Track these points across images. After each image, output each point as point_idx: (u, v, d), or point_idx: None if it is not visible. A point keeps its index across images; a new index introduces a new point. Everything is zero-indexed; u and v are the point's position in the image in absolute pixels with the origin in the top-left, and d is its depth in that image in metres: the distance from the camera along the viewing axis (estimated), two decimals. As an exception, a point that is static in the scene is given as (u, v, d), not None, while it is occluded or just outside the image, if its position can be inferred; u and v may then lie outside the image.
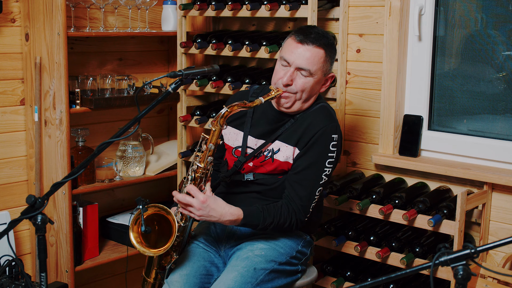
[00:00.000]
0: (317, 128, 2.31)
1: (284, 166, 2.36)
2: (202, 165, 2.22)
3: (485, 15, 2.74)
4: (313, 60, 2.28)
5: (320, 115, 2.36)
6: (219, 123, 2.21)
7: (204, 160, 2.22)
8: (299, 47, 2.28)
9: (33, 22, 2.92)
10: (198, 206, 2.17)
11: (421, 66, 2.86)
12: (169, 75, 2.14)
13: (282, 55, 2.32)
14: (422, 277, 2.80)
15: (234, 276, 2.22)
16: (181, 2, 3.18)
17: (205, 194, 2.19)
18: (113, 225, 3.30)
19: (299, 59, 2.27)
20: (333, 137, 2.32)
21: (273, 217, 2.26)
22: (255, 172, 2.39)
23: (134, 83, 3.24)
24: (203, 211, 2.18)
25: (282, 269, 2.34)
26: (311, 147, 2.31)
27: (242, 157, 2.40)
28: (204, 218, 2.20)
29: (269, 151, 2.37)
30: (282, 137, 2.37)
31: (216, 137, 2.22)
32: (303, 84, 2.29)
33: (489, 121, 2.76)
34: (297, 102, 2.33)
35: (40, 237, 1.93)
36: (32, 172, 3.04)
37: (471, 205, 2.55)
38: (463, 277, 1.46)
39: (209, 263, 2.36)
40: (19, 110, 3.04)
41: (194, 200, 2.18)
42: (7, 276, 2.39)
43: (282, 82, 2.29)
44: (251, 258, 2.28)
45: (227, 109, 2.21)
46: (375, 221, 2.85)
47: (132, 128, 2.12)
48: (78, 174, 2.03)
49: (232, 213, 2.21)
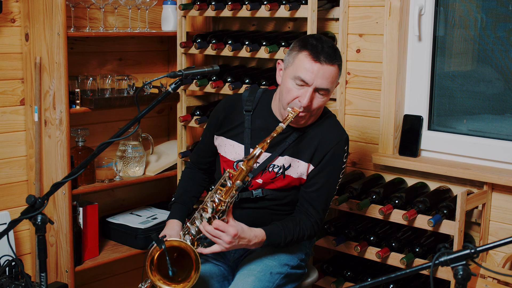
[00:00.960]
0: (331, 145, 2.27)
1: (296, 182, 2.31)
2: (226, 199, 2.12)
3: (485, 15, 2.75)
4: (332, 79, 2.18)
5: (332, 129, 2.30)
6: (251, 164, 2.10)
7: (228, 194, 2.13)
8: (317, 66, 2.14)
9: (33, 22, 2.92)
10: (229, 240, 2.10)
11: (421, 66, 2.86)
12: (169, 75, 2.14)
13: (298, 75, 2.15)
14: (422, 277, 2.80)
15: (252, 280, 2.19)
16: (181, 2, 3.18)
17: (233, 226, 2.12)
18: (113, 225, 3.30)
19: (318, 80, 2.15)
20: (345, 149, 2.31)
21: (293, 234, 2.24)
22: (264, 188, 2.33)
23: (134, 83, 3.24)
24: (234, 243, 2.12)
25: (294, 273, 2.34)
26: (327, 164, 2.27)
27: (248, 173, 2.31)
28: (233, 247, 2.14)
29: (280, 167, 2.30)
30: (290, 152, 2.29)
31: (243, 176, 2.12)
32: (320, 103, 2.21)
33: (489, 121, 2.76)
34: (311, 119, 2.27)
35: (40, 237, 1.93)
36: (32, 172, 3.04)
37: (471, 205, 2.55)
38: (463, 277, 1.46)
39: (222, 278, 2.34)
40: (19, 110, 3.04)
41: (224, 235, 2.10)
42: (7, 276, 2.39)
43: (303, 104, 2.16)
44: (265, 262, 2.26)
45: (260, 149, 2.08)
46: (375, 221, 2.85)
47: (132, 128, 2.12)
48: (78, 174, 2.02)
49: (257, 235, 2.17)
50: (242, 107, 2.38)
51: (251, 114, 2.36)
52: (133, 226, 3.23)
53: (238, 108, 2.39)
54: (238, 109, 2.39)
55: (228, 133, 2.39)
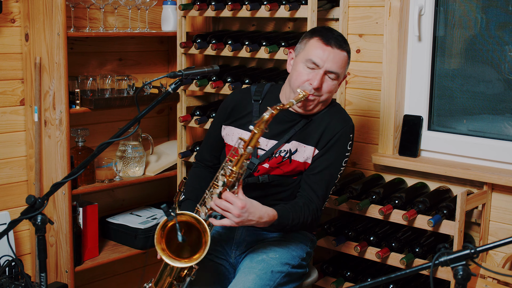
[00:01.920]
0: (337, 129, 2.31)
1: (302, 167, 2.34)
2: (236, 169, 2.10)
3: (485, 15, 2.75)
4: (341, 64, 2.27)
5: (338, 114, 2.36)
6: (262, 126, 2.08)
7: (239, 164, 2.10)
8: (328, 49, 2.24)
9: (33, 22, 2.92)
10: (238, 212, 2.07)
11: (421, 66, 2.86)
12: (169, 75, 2.14)
13: (309, 57, 2.25)
14: (422, 277, 2.79)
15: (252, 278, 2.19)
16: (181, 2, 3.18)
17: (243, 198, 2.10)
18: (113, 225, 3.30)
19: (329, 62, 2.24)
20: (350, 136, 2.35)
21: (298, 217, 2.25)
22: (270, 174, 2.35)
23: (134, 83, 3.24)
24: (242, 217, 2.08)
25: (295, 272, 2.34)
26: (330, 148, 2.31)
27: (254, 159, 2.35)
28: (242, 223, 2.10)
29: (286, 152, 2.34)
30: (298, 137, 2.34)
31: (256, 140, 2.09)
32: (330, 87, 2.28)
33: (489, 121, 2.76)
34: (319, 105, 2.32)
35: (40, 237, 1.93)
36: (32, 172, 3.04)
37: (471, 205, 2.55)
38: (463, 277, 1.46)
39: (223, 276, 2.34)
40: (19, 110, 3.04)
41: (232, 206, 2.07)
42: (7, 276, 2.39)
43: (313, 86, 2.24)
44: (266, 261, 2.27)
45: (272, 111, 2.09)
46: (375, 221, 2.85)
47: (132, 128, 2.12)
48: (78, 174, 2.03)
49: (269, 214, 2.15)
50: (250, 98, 2.45)
51: (259, 103, 2.42)
52: (133, 226, 3.23)
53: (246, 99, 2.46)
54: (247, 100, 2.45)
55: (237, 122, 2.44)
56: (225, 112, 2.48)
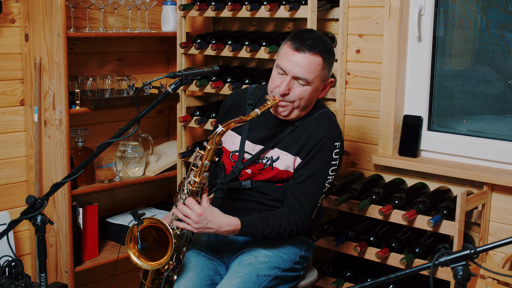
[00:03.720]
0: (319, 137, 2.27)
1: (284, 175, 2.32)
2: (198, 180, 2.17)
3: (485, 15, 2.75)
4: (310, 69, 2.19)
5: (322, 122, 2.30)
6: (214, 142, 2.16)
7: (200, 175, 2.17)
8: (295, 55, 2.19)
9: (32, 23, 2.92)
10: (196, 219, 2.13)
11: (420, 67, 2.86)
12: (168, 76, 2.14)
13: (278, 63, 2.23)
14: (421, 278, 2.80)
15: (236, 282, 2.19)
16: (180, 3, 3.18)
17: (203, 206, 2.15)
18: (112, 225, 3.30)
19: (295, 68, 2.19)
20: (336, 145, 2.28)
21: (272, 227, 2.23)
22: (253, 180, 2.35)
23: (134, 84, 3.24)
24: (201, 224, 2.14)
25: (286, 275, 2.33)
26: (314, 156, 2.27)
27: (239, 164, 2.35)
28: (202, 230, 2.16)
29: (268, 159, 2.33)
30: (281, 145, 2.32)
31: (211, 155, 2.17)
32: (301, 93, 2.22)
33: (489, 121, 2.76)
34: (295, 110, 2.27)
35: (40, 237, 1.93)
36: (32, 173, 3.04)
37: (471, 206, 2.55)
38: (462, 277, 1.46)
39: (213, 271, 2.34)
40: (19, 111, 3.04)
41: (191, 212, 2.14)
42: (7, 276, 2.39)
43: (279, 92, 2.22)
44: (254, 265, 2.26)
45: (222, 128, 2.15)
46: (375, 222, 2.85)
47: (132, 128, 2.12)
48: (78, 175, 2.03)
49: (230, 223, 2.18)
50: (245, 100, 2.44)
51: (252, 108, 2.40)
52: (133, 227, 3.23)
53: (242, 101, 2.46)
54: (242, 102, 2.45)
55: None
56: (221, 113, 2.51)
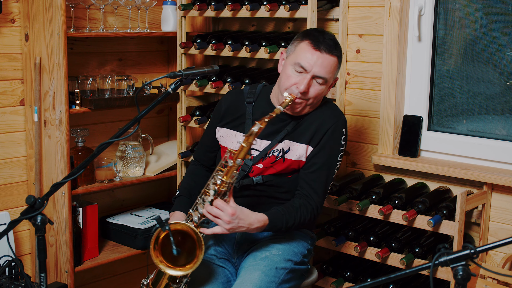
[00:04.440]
0: (329, 125, 2.34)
1: (295, 165, 2.36)
2: (227, 179, 2.14)
3: (485, 15, 2.75)
4: (330, 69, 2.27)
5: (329, 111, 2.38)
6: (251, 140, 2.13)
7: (229, 175, 2.15)
8: (316, 54, 2.24)
9: (32, 23, 2.92)
10: (228, 219, 2.12)
11: (420, 67, 2.86)
12: (168, 76, 2.14)
13: (297, 61, 2.26)
14: (421, 278, 2.80)
15: (258, 275, 2.20)
16: (180, 3, 3.18)
17: (232, 206, 2.14)
18: (112, 225, 3.30)
19: (317, 67, 2.24)
20: (343, 131, 2.37)
21: (294, 218, 2.26)
22: (263, 175, 2.37)
23: (134, 84, 3.24)
24: (233, 224, 2.12)
25: (298, 269, 2.35)
26: (325, 144, 2.33)
27: (248, 160, 2.37)
28: (233, 230, 2.15)
29: (279, 151, 2.36)
30: (290, 137, 2.36)
31: (245, 153, 2.14)
32: (317, 91, 2.29)
33: (489, 121, 2.76)
34: (307, 107, 2.34)
35: (40, 237, 1.93)
36: (32, 173, 3.04)
37: (471, 206, 2.55)
38: (462, 277, 1.46)
39: (226, 278, 2.34)
40: (19, 111, 3.04)
41: (223, 213, 2.12)
42: (7, 276, 2.39)
43: (299, 90, 2.25)
44: (270, 258, 2.28)
45: (260, 125, 2.13)
46: (375, 222, 2.85)
47: (132, 128, 2.12)
48: (78, 175, 2.03)
49: (259, 220, 2.19)
50: (243, 99, 2.46)
51: (252, 106, 2.44)
52: (132, 227, 3.23)
53: (240, 100, 2.47)
54: (240, 102, 2.47)
55: (230, 123, 2.46)
56: (219, 114, 2.51)
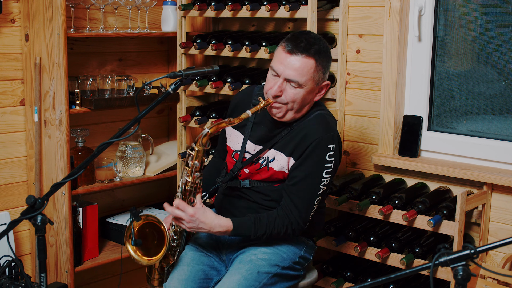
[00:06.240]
0: (311, 139, 2.25)
1: (279, 175, 2.33)
2: (190, 179, 2.22)
3: (485, 15, 2.75)
4: (302, 71, 2.20)
5: (315, 125, 2.29)
6: (201, 143, 2.19)
7: (192, 175, 2.22)
8: (288, 57, 2.20)
9: (33, 23, 2.92)
10: (188, 219, 2.19)
11: (421, 67, 2.86)
12: (169, 76, 2.14)
13: (271, 65, 2.25)
14: (422, 278, 2.79)
15: (237, 279, 2.21)
16: (181, 3, 3.18)
17: (195, 207, 2.20)
18: (113, 225, 3.30)
19: (287, 70, 2.20)
20: (329, 147, 2.26)
21: (265, 228, 2.24)
22: (251, 179, 2.37)
23: (134, 84, 3.24)
24: (193, 224, 2.20)
25: (285, 273, 2.34)
26: (306, 158, 2.26)
27: (239, 163, 2.38)
28: (195, 230, 2.23)
29: (264, 159, 2.35)
30: (277, 146, 2.33)
31: (200, 156, 2.21)
32: (293, 95, 2.23)
33: (489, 121, 2.76)
34: (289, 112, 2.28)
35: (40, 237, 1.93)
36: (32, 173, 3.04)
37: (471, 206, 2.55)
38: (463, 277, 1.46)
39: (208, 267, 2.36)
40: (19, 111, 3.04)
41: (183, 213, 2.19)
42: (7, 276, 2.39)
43: (271, 93, 2.23)
44: (254, 262, 2.28)
45: (208, 130, 2.18)
46: (375, 222, 2.85)
47: (132, 128, 2.12)
48: (78, 175, 2.03)
49: (221, 224, 2.21)
50: (251, 100, 2.45)
51: None
52: (133, 227, 3.23)
53: (247, 101, 2.47)
54: (247, 102, 2.46)
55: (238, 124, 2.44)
56: (229, 111, 2.53)
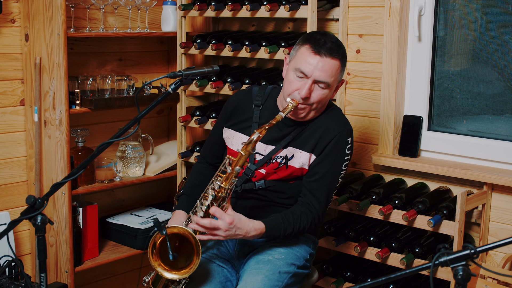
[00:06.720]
0: (333, 134, 2.29)
1: (298, 172, 2.33)
2: (226, 186, 2.14)
3: (485, 15, 2.75)
4: (331, 73, 2.22)
5: (335, 119, 2.33)
6: (250, 148, 2.14)
7: (228, 181, 2.15)
8: (316, 58, 2.20)
9: (33, 23, 2.92)
10: (226, 227, 2.11)
11: (421, 67, 2.86)
12: (169, 76, 2.14)
13: (298, 67, 2.22)
14: (422, 278, 2.80)
15: (261, 279, 2.19)
16: (181, 3, 3.18)
17: (231, 214, 2.13)
18: (113, 225, 3.30)
19: (317, 72, 2.20)
20: (348, 140, 2.31)
21: (293, 226, 2.25)
22: (266, 180, 2.35)
23: (134, 84, 3.24)
24: (230, 232, 2.12)
25: (300, 273, 2.34)
26: (328, 153, 2.29)
27: (252, 165, 2.36)
28: (230, 237, 2.15)
29: (283, 158, 2.33)
30: (294, 143, 2.33)
31: (243, 161, 2.15)
32: (320, 96, 2.24)
33: (489, 121, 2.76)
34: (312, 112, 2.29)
35: (40, 237, 1.93)
36: (32, 173, 3.04)
37: (471, 206, 2.55)
38: (463, 277, 1.46)
39: (224, 278, 2.33)
40: (19, 111, 3.04)
41: (221, 222, 2.10)
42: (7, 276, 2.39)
43: (301, 95, 2.22)
44: (273, 262, 2.27)
45: (258, 134, 2.13)
46: (375, 222, 2.85)
47: (132, 128, 2.11)
48: (78, 175, 2.03)
49: (256, 228, 2.18)
50: (251, 101, 2.43)
51: (260, 109, 2.41)
52: (133, 227, 3.23)
53: (247, 102, 2.45)
54: (248, 103, 2.44)
55: (237, 125, 2.44)
56: (226, 114, 2.49)
